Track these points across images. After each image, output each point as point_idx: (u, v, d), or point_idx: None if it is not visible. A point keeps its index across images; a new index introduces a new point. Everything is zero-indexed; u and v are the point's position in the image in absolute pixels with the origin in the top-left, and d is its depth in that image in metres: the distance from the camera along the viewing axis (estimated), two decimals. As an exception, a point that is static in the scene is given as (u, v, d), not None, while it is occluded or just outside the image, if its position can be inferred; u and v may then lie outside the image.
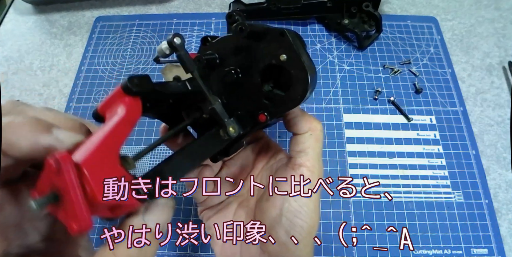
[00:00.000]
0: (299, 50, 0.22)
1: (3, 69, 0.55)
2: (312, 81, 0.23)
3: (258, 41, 0.23)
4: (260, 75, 0.24)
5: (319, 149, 0.27)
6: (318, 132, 0.27)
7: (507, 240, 0.40)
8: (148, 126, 0.47)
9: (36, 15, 0.60)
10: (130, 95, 0.19)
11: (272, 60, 0.23)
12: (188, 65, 0.22)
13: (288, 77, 0.23)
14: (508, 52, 0.52)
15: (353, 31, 0.50)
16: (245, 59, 0.24)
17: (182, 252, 0.39)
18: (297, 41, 0.23)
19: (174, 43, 0.21)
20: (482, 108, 0.48)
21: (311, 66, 0.23)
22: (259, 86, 0.24)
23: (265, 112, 0.24)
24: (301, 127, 0.27)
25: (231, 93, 0.25)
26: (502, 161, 0.44)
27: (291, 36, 0.22)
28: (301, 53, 0.22)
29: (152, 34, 0.56)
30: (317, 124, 0.27)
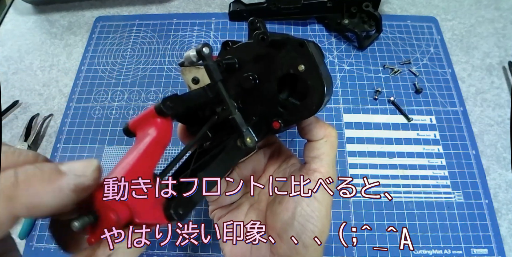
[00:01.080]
0: (318, 61, 0.23)
1: (3, 69, 0.55)
2: (328, 92, 0.24)
3: (278, 50, 0.24)
4: (277, 83, 0.24)
5: (333, 155, 0.27)
6: (333, 139, 0.27)
7: (507, 240, 0.40)
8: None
9: (36, 15, 0.60)
10: (163, 116, 0.20)
11: (290, 69, 0.24)
12: (215, 76, 0.22)
13: (305, 87, 0.23)
14: (508, 52, 0.52)
15: (353, 31, 0.50)
16: (264, 66, 0.25)
17: (182, 252, 0.39)
18: (316, 52, 0.23)
19: (202, 53, 0.21)
20: (482, 108, 0.48)
21: (328, 78, 0.24)
22: (275, 94, 0.25)
23: (279, 119, 0.25)
24: (316, 133, 0.27)
25: (248, 98, 0.26)
26: (502, 161, 0.44)
27: (311, 47, 0.23)
28: (319, 64, 0.23)
29: (152, 34, 0.56)
30: (331, 130, 0.27)
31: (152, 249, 0.40)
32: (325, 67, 0.24)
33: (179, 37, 0.55)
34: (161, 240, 0.26)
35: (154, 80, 0.51)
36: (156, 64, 0.53)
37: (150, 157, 0.18)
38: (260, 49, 0.24)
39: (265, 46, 0.23)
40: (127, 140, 0.46)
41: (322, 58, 0.24)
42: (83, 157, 0.45)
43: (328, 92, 0.24)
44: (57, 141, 0.47)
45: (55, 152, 0.47)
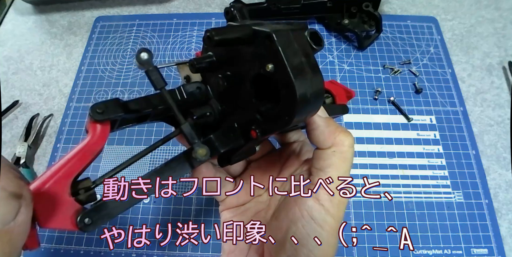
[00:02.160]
0: (289, 58, 0.18)
1: (3, 69, 0.55)
2: (305, 101, 0.18)
3: (248, 44, 0.20)
4: (251, 84, 0.21)
5: (344, 169, 0.22)
6: (344, 149, 0.22)
7: (507, 240, 0.40)
8: (148, 126, 0.47)
9: (36, 15, 0.60)
10: (96, 121, 0.18)
11: (260, 69, 0.19)
12: (155, 83, 0.19)
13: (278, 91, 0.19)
14: (508, 52, 0.52)
15: (353, 31, 0.50)
16: (239, 65, 0.21)
17: (182, 252, 0.39)
18: (293, 45, 0.18)
19: (140, 59, 0.19)
20: (482, 108, 0.48)
21: (306, 80, 0.18)
22: (251, 98, 0.21)
23: (257, 128, 0.21)
24: (323, 141, 0.22)
25: (228, 101, 0.23)
26: (502, 161, 0.44)
27: (281, 39, 0.18)
28: (290, 63, 0.18)
29: (152, 34, 0.56)
30: (344, 137, 0.22)
31: (152, 249, 0.40)
32: (309, 65, 0.19)
33: (179, 37, 0.55)
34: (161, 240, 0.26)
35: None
36: (156, 64, 0.52)
37: (75, 162, 0.18)
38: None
39: (213, 46, 0.19)
40: (127, 140, 0.46)
41: (309, 52, 0.19)
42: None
43: (304, 100, 0.18)
44: (57, 141, 0.47)
45: (55, 152, 0.47)
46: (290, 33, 0.19)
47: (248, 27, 0.19)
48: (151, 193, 0.20)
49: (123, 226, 0.42)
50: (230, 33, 0.19)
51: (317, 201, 0.22)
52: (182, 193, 0.27)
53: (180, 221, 0.41)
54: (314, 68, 0.19)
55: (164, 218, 0.41)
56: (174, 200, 0.42)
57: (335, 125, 0.23)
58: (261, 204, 0.28)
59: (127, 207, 0.20)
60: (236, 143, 0.22)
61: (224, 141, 0.22)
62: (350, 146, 0.23)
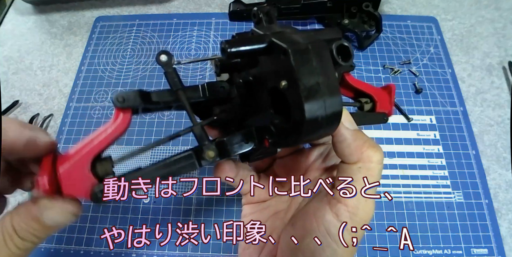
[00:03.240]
0: (304, 78, 0.17)
1: (3, 69, 0.55)
2: (315, 124, 0.18)
3: (268, 53, 0.19)
4: (269, 95, 0.20)
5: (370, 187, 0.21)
6: (371, 165, 0.21)
7: (507, 240, 0.40)
8: (148, 126, 0.47)
9: (36, 15, 0.60)
10: (119, 108, 0.20)
11: (275, 83, 0.19)
12: (172, 85, 0.20)
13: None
14: (508, 52, 0.52)
15: (353, 31, 0.50)
16: (261, 71, 0.21)
17: (182, 252, 0.39)
18: (311, 63, 0.17)
19: (160, 61, 0.20)
20: (482, 108, 0.48)
21: (319, 103, 0.17)
22: (267, 108, 0.21)
23: (270, 138, 0.21)
24: (348, 155, 0.21)
25: (249, 103, 0.23)
26: (502, 161, 0.44)
27: (299, 56, 0.17)
28: (304, 84, 0.17)
29: (152, 34, 0.56)
30: (372, 153, 0.21)
31: (152, 249, 0.40)
32: (327, 86, 0.17)
33: (179, 37, 0.55)
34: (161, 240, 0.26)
35: (154, 80, 0.51)
36: (156, 64, 0.53)
37: (96, 143, 0.20)
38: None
39: (226, 58, 0.19)
40: (127, 140, 0.46)
41: (330, 71, 0.18)
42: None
43: (314, 123, 0.17)
44: (57, 141, 0.47)
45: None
46: (310, 48, 0.17)
47: (267, 37, 0.19)
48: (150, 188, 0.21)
49: (123, 226, 0.43)
50: (246, 45, 0.18)
51: (336, 216, 0.21)
52: (182, 193, 0.27)
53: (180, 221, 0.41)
54: (333, 89, 0.18)
55: (164, 218, 0.41)
56: (174, 200, 0.42)
57: (363, 139, 0.21)
58: (282, 203, 0.28)
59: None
60: (249, 147, 0.22)
61: (238, 145, 0.22)
62: (378, 162, 0.21)
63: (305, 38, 0.18)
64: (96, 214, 0.42)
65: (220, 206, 0.42)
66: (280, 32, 0.19)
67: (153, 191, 0.44)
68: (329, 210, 0.22)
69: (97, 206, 0.42)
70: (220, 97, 0.23)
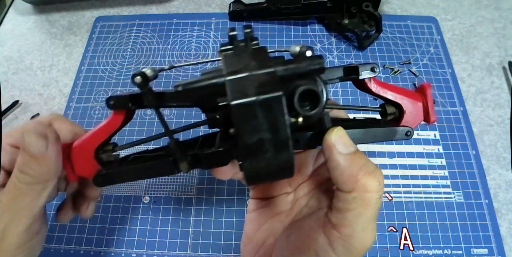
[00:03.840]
0: (246, 135, 0.16)
1: (3, 69, 0.55)
2: (255, 178, 0.18)
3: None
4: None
5: (368, 216, 0.20)
6: (368, 195, 0.19)
7: (507, 240, 0.40)
8: (148, 126, 0.47)
9: (36, 15, 0.60)
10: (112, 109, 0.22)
11: (228, 128, 0.20)
12: (147, 103, 0.21)
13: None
14: (508, 52, 0.52)
15: (353, 31, 0.50)
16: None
17: (182, 252, 0.39)
18: (256, 119, 0.16)
19: (134, 83, 0.20)
20: (482, 108, 0.48)
21: (260, 160, 0.17)
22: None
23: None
24: (342, 183, 0.20)
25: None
26: (502, 161, 0.44)
27: (243, 112, 0.16)
28: (245, 141, 0.17)
29: (152, 34, 0.56)
30: (369, 182, 0.19)
31: (152, 249, 0.40)
32: (274, 142, 0.17)
33: (179, 37, 0.55)
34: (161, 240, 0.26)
35: (154, 80, 0.51)
36: (156, 64, 0.53)
37: (97, 135, 0.23)
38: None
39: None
40: (127, 140, 0.46)
41: (279, 126, 0.17)
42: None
43: (254, 176, 0.18)
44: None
45: (55, 152, 0.47)
46: (257, 101, 0.16)
47: (215, 83, 0.18)
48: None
49: (123, 226, 0.43)
50: (196, 90, 0.19)
51: (328, 241, 0.20)
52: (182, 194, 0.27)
53: (180, 221, 0.42)
54: (280, 146, 0.17)
55: (164, 218, 0.41)
56: (174, 200, 0.42)
57: (358, 164, 0.19)
58: (285, 204, 0.27)
59: (123, 181, 0.24)
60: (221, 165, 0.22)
61: (209, 159, 0.22)
62: (375, 190, 0.19)
63: (262, 84, 0.17)
64: (96, 214, 0.42)
65: (220, 206, 0.42)
66: (237, 72, 0.18)
67: (154, 192, 0.44)
68: (323, 233, 0.20)
69: (96, 206, 0.42)
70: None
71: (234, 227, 0.41)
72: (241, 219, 0.41)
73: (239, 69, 0.18)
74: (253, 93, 0.16)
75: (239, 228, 0.40)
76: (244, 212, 0.41)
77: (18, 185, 0.21)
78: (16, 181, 0.21)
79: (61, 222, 0.28)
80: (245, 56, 0.19)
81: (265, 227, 0.27)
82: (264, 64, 0.18)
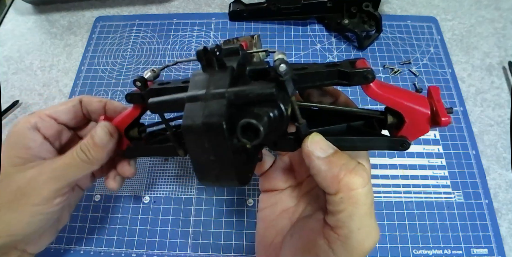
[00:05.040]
0: (196, 156, 0.20)
1: (3, 69, 0.55)
2: (208, 185, 0.22)
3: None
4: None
5: (361, 213, 0.19)
6: (352, 193, 0.19)
7: (507, 240, 0.40)
8: (148, 126, 0.47)
9: (36, 15, 0.60)
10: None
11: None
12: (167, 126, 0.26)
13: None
14: (508, 52, 0.52)
15: (353, 31, 0.50)
16: None
17: (182, 252, 0.39)
18: (203, 144, 0.19)
19: (136, 86, 0.26)
20: (482, 108, 0.48)
21: (208, 176, 0.21)
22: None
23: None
24: (326, 187, 0.20)
25: None
26: (502, 161, 0.44)
27: (192, 138, 0.19)
28: (196, 160, 0.20)
29: (152, 34, 0.56)
30: (351, 179, 0.19)
31: (152, 249, 0.40)
32: (219, 163, 0.19)
33: (179, 37, 0.55)
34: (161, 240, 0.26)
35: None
36: (156, 64, 0.53)
37: (124, 119, 0.29)
38: None
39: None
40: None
41: (222, 151, 0.19)
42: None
43: (207, 185, 0.22)
44: (57, 141, 0.47)
45: (55, 152, 0.47)
46: (202, 129, 0.19)
47: (179, 102, 0.21)
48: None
49: (123, 226, 0.43)
50: (164, 105, 0.22)
51: (327, 243, 0.20)
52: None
53: (180, 221, 0.42)
54: (224, 166, 0.19)
55: (164, 218, 0.41)
56: (174, 200, 0.42)
57: (338, 165, 0.20)
58: (291, 199, 0.28)
59: (143, 155, 0.31)
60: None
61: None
62: (360, 186, 0.19)
63: (210, 112, 0.19)
64: (96, 214, 0.42)
65: (220, 206, 0.42)
66: (194, 98, 0.20)
67: (154, 192, 0.44)
68: (322, 234, 0.21)
69: (96, 206, 0.42)
70: None
71: (234, 227, 0.41)
72: (241, 219, 0.41)
73: (196, 95, 0.20)
74: (200, 120, 0.19)
75: (239, 228, 0.40)
76: (244, 212, 0.41)
77: (74, 157, 0.27)
78: (75, 154, 0.27)
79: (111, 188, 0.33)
80: (208, 77, 0.21)
81: (274, 224, 0.27)
82: (219, 92, 0.20)
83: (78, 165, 0.27)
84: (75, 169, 0.27)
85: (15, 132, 0.28)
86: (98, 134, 0.27)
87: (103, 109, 0.32)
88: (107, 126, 0.28)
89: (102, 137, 0.27)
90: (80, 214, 0.42)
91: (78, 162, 0.27)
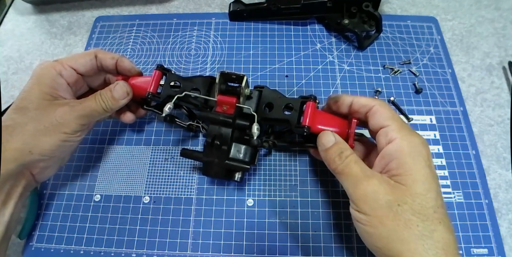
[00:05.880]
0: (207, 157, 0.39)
1: (3, 69, 0.55)
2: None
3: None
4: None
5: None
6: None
7: (507, 240, 0.40)
8: (148, 126, 0.47)
9: (36, 15, 0.60)
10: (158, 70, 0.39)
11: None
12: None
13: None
14: (508, 52, 0.52)
15: (353, 31, 0.50)
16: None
17: (182, 252, 0.40)
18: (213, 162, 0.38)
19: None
20: (482, 108, 0.48)
21: (211, 166, 0.38)
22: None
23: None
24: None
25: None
26: (502, 161, 0.44)
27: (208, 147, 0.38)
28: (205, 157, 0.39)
29: (152, 34, 0.56)
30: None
31: (152, 249, 0.40)
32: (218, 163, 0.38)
33: (179, 37, 0.55)
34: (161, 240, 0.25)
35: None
36: (156, 64, 0.52)
37: (140, 86, 0.40)
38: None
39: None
40: (127, 140, 0.46)
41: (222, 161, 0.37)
42: (83, 157, 0.45)
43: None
44: (57, 141, 0.47)
45: (55, 152, 0.47)
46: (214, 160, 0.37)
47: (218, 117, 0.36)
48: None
49: (123, 226, 0.43)
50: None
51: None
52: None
53: (180, 221, 0.42)
54: (222, 158, 0.37)
55: (164, 218, 0.41)
56: (174, 200, 0.42)
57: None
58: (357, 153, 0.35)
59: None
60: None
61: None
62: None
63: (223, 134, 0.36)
64: (96, 214, 0.42)
65: (220, 206, 0.42)
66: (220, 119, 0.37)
67: (154, 192, 0.44)
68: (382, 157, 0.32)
69: (96, 206, 0.42)
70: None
71: (234, 227, 0.41)
72: (241, 219, 0.41)
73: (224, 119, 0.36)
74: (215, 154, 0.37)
75: (239, 228, 0.41)
76: (244, 212, 0.41)
77: (98, 103, 0.36)
78: (94, 100, 0.36)
79: (124, 121, 0.42)
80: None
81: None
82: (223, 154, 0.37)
83: (99, 110, 0.36)
84: (96, 112, 0.36)
85: (44, 74, 0.35)
86: (117, 90, 0.37)
87: (115, 65, 0.39)
88: (125, 85, 0.38)
89: (120, 92, 0.37)
90: (80, 214, 0.42)
91: (99, 107, 0.36)
